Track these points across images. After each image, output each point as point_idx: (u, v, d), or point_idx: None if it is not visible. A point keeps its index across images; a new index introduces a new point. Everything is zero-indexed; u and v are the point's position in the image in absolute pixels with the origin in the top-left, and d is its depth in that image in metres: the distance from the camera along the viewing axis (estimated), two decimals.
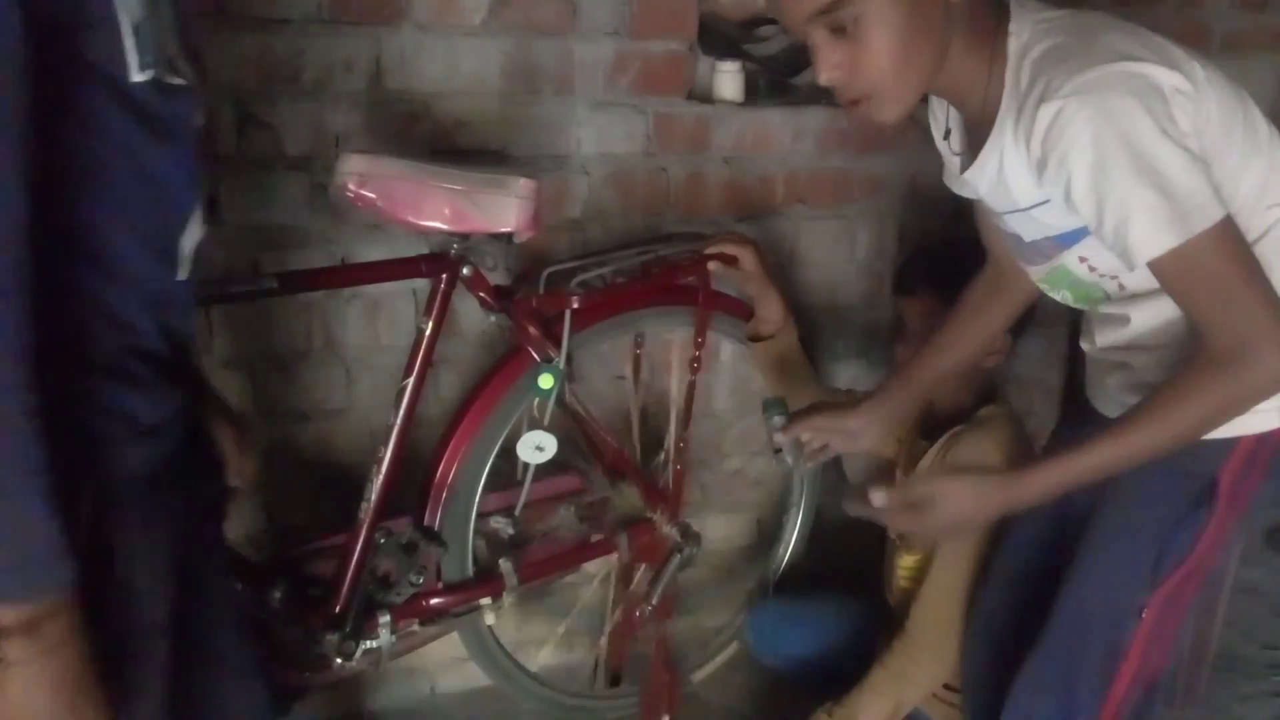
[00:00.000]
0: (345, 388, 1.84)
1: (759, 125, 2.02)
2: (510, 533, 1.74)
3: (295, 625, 1.59)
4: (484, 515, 1.73)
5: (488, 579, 1.72)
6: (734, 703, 2.11)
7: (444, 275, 1.57)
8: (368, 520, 1.59)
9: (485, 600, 1.72)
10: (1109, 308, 1.30)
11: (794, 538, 2.16)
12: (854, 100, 1.16)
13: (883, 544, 1.92)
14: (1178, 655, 2.01)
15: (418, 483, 1.71)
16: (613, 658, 2.00)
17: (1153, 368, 1.27)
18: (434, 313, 1.57)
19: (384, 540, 1.62)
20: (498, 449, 1.70)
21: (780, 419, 1.58)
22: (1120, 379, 1.32)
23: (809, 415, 1.57)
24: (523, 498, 1.73)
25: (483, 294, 1.64)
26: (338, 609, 1.59)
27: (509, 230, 1.52)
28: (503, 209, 1.50)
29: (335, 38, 1.67)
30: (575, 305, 1.63)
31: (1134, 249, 1.08)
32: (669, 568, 1.85)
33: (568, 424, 1.76)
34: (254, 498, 1.33)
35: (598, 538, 1.84)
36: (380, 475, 1.58)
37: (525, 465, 1.69)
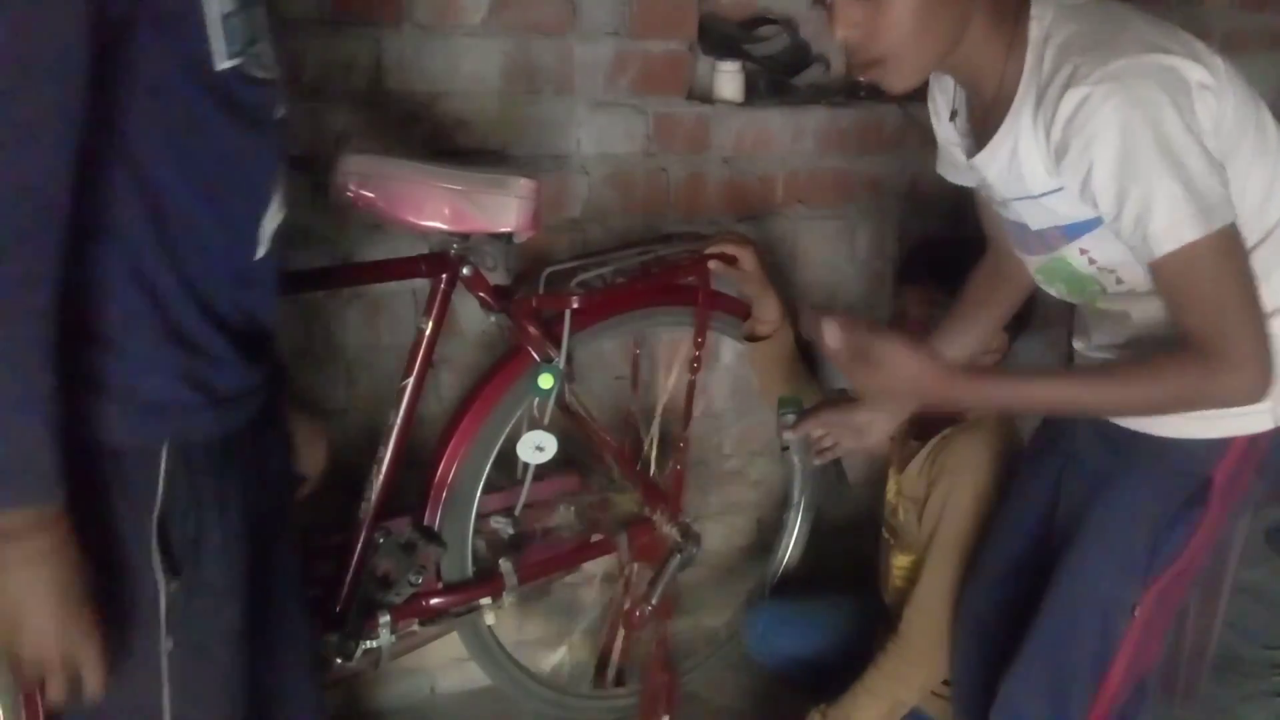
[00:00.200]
0: (345, 388, 1.84)
1: (759, 125, 2.02)
2: (510, 533, 1.74)
3: None
4: (484, 515, 1.73)
5: (488, 579, 1.72)
6: (733, 703, 2.11)
7: (444, 275, 1.57)
8: (368, 520, 1.59)
9: (485, 600, 1.72)
10: (1106, 303, 1.30)
11: (793, 539, 2.15)
12: (866, 64, 1.15)
13: (878, 544, 1.93)
14: (1175, 655, 2.02)
15: (418, 483, 1.71)
16: (612, 657, 2.00)
17: None
18: (434, 313, 1.57)
19: (383, 540, 1.62)
20: (498, 449, 1.70)
21: (792, 417, 1.60)
22: None
23: (818, 412, 1.59)
24: (523, 498, 1.73)
25: (483, 294, 1.64)
26: (338, 609, 1.59)
27: (509, 230, 1.52)
28: (503, 209, 1.50)
29: (335, 38, 1.67)
30: (575, 305, 1.63)
31: (1154, 239, 1.08)
32: (669, 568, 1.85)
33: (568, 424, 1.76)
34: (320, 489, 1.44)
35: (598, 538, 1.85)
36: (380, 475, 1.58)
37: (525, 465, 1.69)
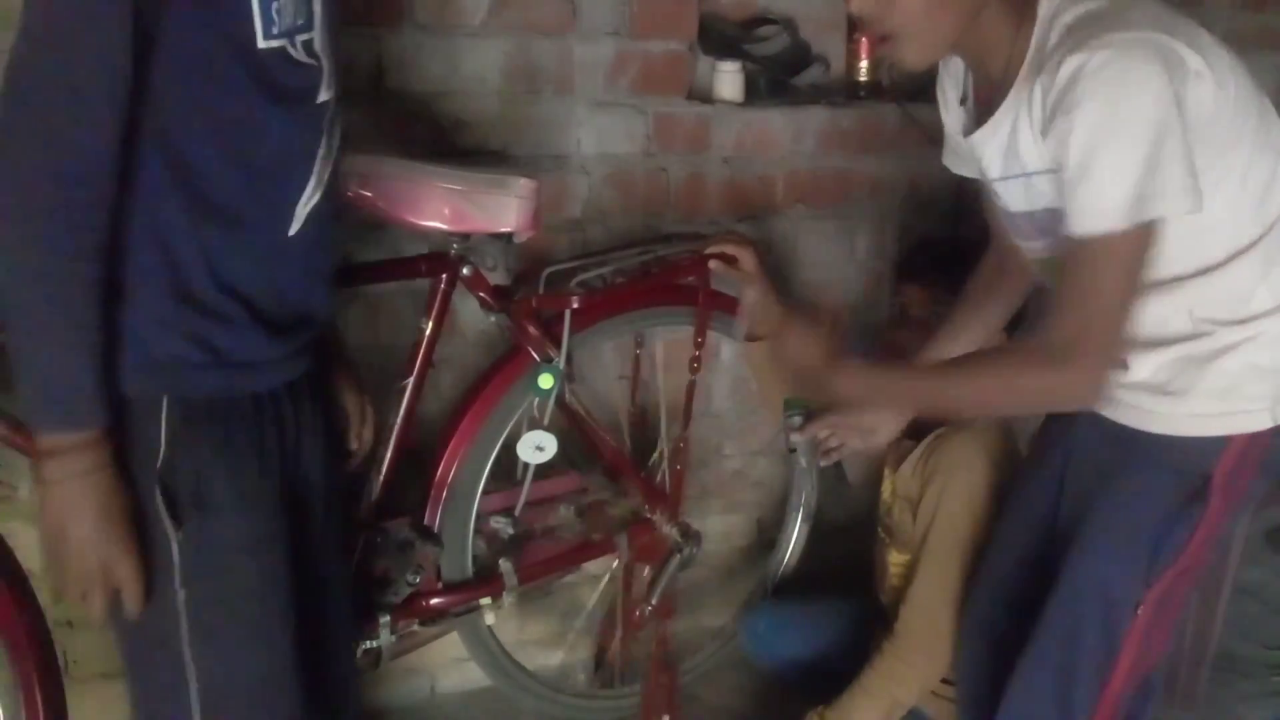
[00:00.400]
0: None
1: (759, 125, 2.02)
2: (510, 533, 1.74)
3: None
4: (484, 515, 1.73)
5: (488, 579, 1.72)
6: (733, 703, 2.10)
7: (444, 275, 1.57)
8: (367, 520, 1.59)
9: (485, 600, 1.72)
10: None
11: (794, 540, 2.15)
12: (881, 37, 1.16)
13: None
14: (1175, 654, 2.01)
15: (418, 483, 1.71)
16: (612, 658, 2.00)
17: (1148, 367, 1.27)
18: (434, 313, 1.57)
19: (380, 540, 1.62)
20: (498, 449, 1.70)
21: (799, 419, 1.61)
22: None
23: (825, 414, 1.59)
24: (523, 498, 1.73)
25: (483, 294, 1.64)
26: None
27: (509, 230, 1.52)
28: (503, 209, 1.50)
29: None
30: (575, 305, 1.63)
31: (1081, 212, 1.10)
32: (669, 568, 1.85)
33: (568, 424, 1.76)
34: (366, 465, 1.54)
35: (598, 538, 1.84)
36: (380, 475, 1.58)
37: (525, 465, 1.69)
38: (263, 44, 1.00)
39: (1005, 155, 1.24)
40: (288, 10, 1.01)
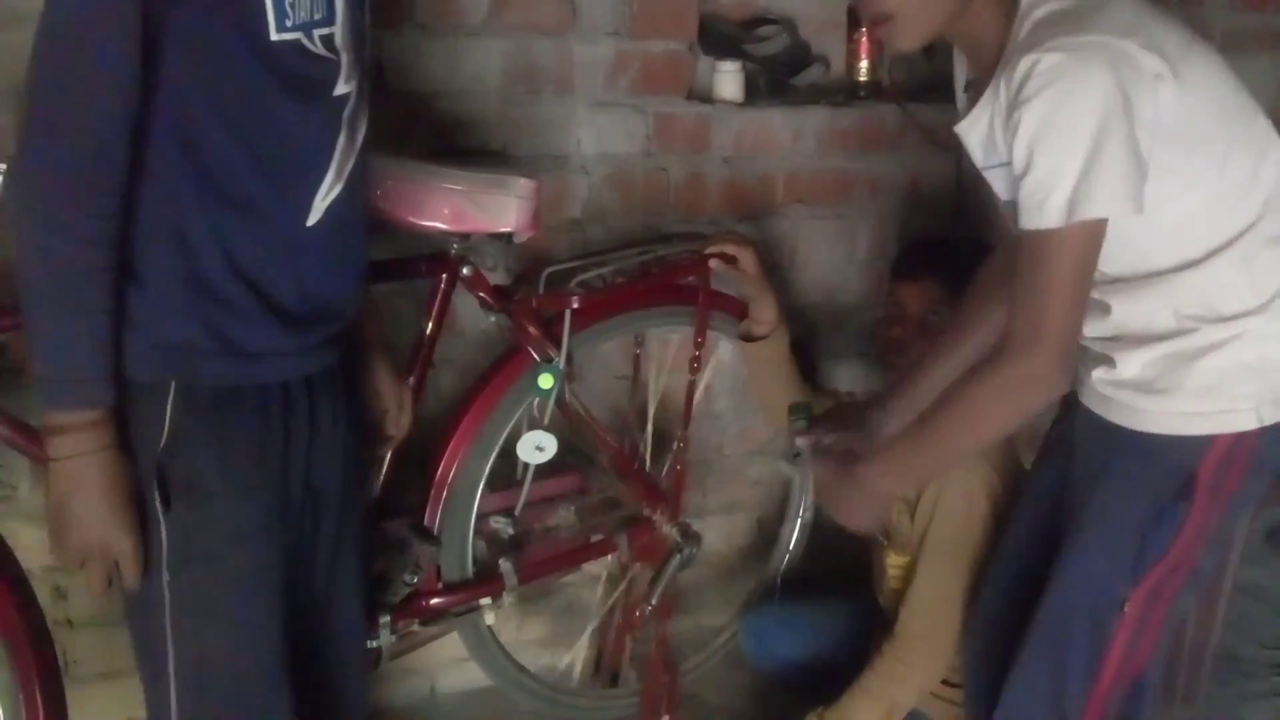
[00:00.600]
0: None
1: (759, 125, 2.02)
2: (510, 533, 1.74)
3: None
4: (484, 515, 1.73)
5: (488, 579, 1.72)
6: (733, 703, 2.10)
7: (444, 275, 1.57)
8: (367, 520, 1.59)
9: (485, 600, 1.72)
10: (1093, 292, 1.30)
11: (794, 541, 2.15)
12: (876, 20, 1.19)
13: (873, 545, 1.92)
14: (1175, 654, 2.01)
15: (418, 483, 1.71)
16: (612, 658, 2.00)
17: (1135, 364, 1.27)
18: (434, 313, 1.57)
19: (379, 539, 1.62)
20: (498, 449, 1.70)
21: (804, 423, 1.60)
22: (1103, 374, 1.32)
23: (830, 417, 1.59)
24: (523, 498, 1.73)
25: (483, 294, 1.64)
26: None
27: (509, 230, 1.52)
28: (503, 209, 1.50)
29: None
30: (575, 305, 1.63)
31: (1027, 209, 1.13)
32: (669, 568, 1.85)
33: (568, 424, 1.76)
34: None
35: (598, 538, 1.84)
36: (380, 475, 1.58)
37: (525, 465, 1.69)
38: (275, 36, 1.01)
39: (985, 144, 1.26)
40: (303, 4, 1.02)
